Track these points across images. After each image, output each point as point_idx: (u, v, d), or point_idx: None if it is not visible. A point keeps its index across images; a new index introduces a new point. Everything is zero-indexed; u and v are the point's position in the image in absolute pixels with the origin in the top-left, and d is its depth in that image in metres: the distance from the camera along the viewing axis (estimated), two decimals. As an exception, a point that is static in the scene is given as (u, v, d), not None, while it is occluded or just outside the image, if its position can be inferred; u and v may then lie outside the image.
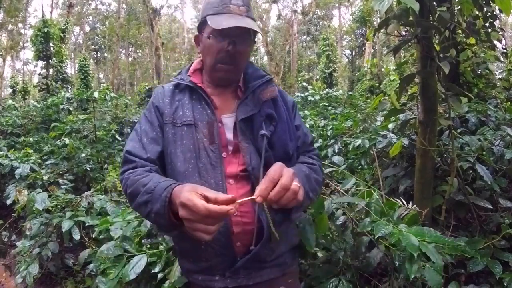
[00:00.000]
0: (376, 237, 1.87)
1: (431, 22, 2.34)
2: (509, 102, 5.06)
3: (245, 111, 1.66)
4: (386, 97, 2.85)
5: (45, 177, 5.12)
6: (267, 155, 1.57)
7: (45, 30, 21.75)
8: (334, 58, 27.76)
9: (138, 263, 2.09)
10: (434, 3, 2.30)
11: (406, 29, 2.63)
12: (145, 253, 2.18)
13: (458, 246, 1.79)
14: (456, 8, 2.53)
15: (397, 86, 2.58)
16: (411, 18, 2.24)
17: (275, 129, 1.65)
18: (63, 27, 24.85)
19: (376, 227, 1.86)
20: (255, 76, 1.75)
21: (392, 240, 1.78)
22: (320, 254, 2.35)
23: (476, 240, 2.41)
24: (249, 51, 1.72)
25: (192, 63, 1.84)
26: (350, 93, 14.36)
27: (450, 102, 2.42)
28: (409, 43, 2.66)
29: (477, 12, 3.16)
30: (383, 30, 2.54)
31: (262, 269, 1.64)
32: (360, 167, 3.91)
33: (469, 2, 2.24)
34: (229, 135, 1.65)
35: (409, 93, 5.12)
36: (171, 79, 1.83)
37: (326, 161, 3.74)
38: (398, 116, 3.34)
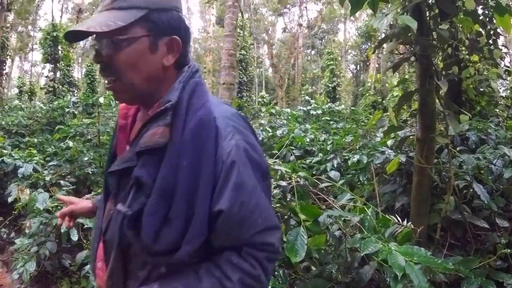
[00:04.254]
0: (362, 254, 1.87)
1: (431, 40, 2.37)
2: (511, 121, 5.04)
3: (120, 161, 1.21)
4: (387, 113, 2.87)
5: (47, 178, 5.15)
6: (127, 240, 1.09)
7: (54, 34, 21.90)
8: (338, 73, 27.83)
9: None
10: (434, 21, 2.33)
11: (407, 47, 2.66)
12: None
13: (448, 266, 1.79)
14: (459, 26, 2.55)
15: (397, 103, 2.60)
16: (410, 35, 2.27)
17: (146, 204, 1.05)
18: (72, 31, 25.02)
19: (364, 244, 1.86)
20: (161, 102, 1.14)
21: (380, 257, 1.79)
22: (313, 268, 2.36)
23: (471, 259, 2.41)
24: (132, 56, 1.11)
25: None
26: (352, 108, 14.38)
27: (448, 120, 2.44)
28: (409, 61, 2.68)
29: (480, 29, 3.18)
30: (383, 47, 2.57)
31: None
32: (359, 182, 3.92)
33: (469, 21, 2.26)
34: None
35: (411, 109, 5.11)
36: None
37: (323, 175, 3.75)
38: (397, 132, 3.36)
